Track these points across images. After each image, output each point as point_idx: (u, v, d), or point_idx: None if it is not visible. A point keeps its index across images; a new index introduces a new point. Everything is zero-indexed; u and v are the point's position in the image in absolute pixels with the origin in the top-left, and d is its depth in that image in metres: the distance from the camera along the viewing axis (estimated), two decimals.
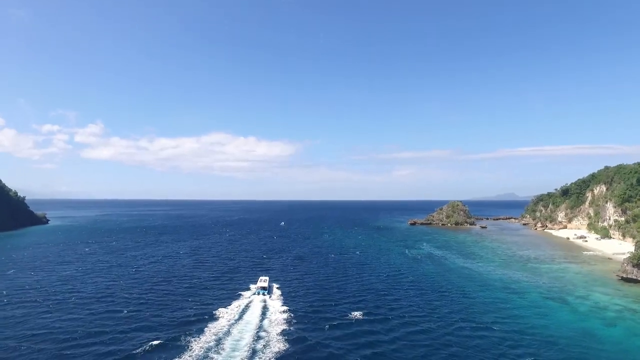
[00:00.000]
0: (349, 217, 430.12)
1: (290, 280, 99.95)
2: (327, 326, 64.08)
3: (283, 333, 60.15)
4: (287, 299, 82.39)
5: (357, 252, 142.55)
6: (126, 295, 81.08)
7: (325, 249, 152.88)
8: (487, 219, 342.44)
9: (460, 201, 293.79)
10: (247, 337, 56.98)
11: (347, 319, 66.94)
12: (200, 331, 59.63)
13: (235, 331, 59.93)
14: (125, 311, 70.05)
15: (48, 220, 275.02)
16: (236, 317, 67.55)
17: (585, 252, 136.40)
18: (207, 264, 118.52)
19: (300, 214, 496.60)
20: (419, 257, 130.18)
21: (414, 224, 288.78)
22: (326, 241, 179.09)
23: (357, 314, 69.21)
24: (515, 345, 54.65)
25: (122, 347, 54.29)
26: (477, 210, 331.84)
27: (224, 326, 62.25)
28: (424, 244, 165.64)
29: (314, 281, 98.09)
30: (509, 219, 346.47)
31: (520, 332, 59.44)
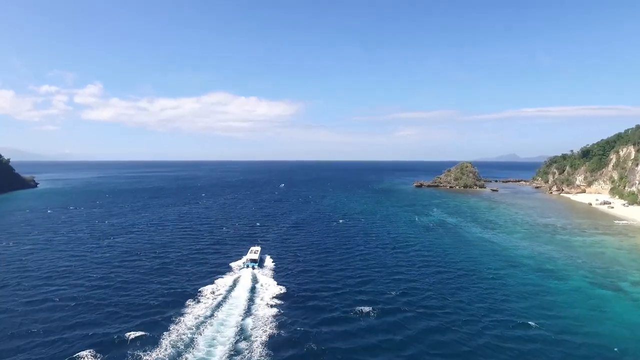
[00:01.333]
0: (352, 178, 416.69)
1: (285, 252, 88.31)
2: (324, 318, 51.96)
3: (270, 325, 49.21)
4: (279, 275, 71.81)
5: (362, 219, 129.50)
6: (89, 275, 68.35)
7: (327, 214, 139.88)
8: (496, 181, 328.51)
9: (470, 162, 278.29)
10: (229, 328, 47.63)
11: (349, 307, 54.80)
12: (174, 318, 50.09)
13: (214, 320, 50.16)
14: (82, 296, 57.23)
15: (37, 184, 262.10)
16: (218, 299, 57.58)
17: (617, 222, 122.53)
18: (193, 234, 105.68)
19: (301, 175, 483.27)
20: (431, 225, 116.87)
21: (420, 186, 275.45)
22: (328, 205, 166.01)
23: (361, 302, 56.87)
24: (570, 356, 41.55)
25: (70, 340, 42.23)
26: (480, 172, 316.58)
27: (202, 313, 52.10)
28: (434, 209, 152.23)
29: (312, 254, 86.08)
30: (518, 181, 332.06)
31: (571, 333, 46.33)
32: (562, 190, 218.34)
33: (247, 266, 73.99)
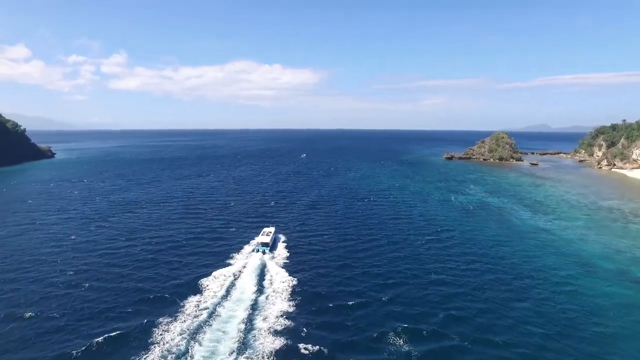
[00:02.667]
0: (376, 148, 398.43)
1: (301, 237, 77.07)
2: (339, 341, 38.84)
3: (276, 328, 42.06)
4: (292, 267, 61.17)
5: (389, 197, 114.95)
6: (69, 262, 57.38)
7: (350, 190, 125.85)
8: (533, 153, 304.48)
9: (506, 133, 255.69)
10: (231, 327, 41.68)
11: (374, 328, 42.29)
12: (160, 327, 41.86)
13: (217, 317, 43.85)
14: (57, 287, 46.20)
15: (54, 154, 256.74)
16: (222, 291, 50.64)
17: None
18: (200, 212, 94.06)
19: (324, 144, 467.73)
20: (470, 207, 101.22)
21: (450, 158, 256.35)
22: (351, 180, 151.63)
23: (390, 319, 44.04)
24: None
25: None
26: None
27: (204, 308, 45.62)
28: (471, 185, 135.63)
29: (332, 241, 74.20)
30: (557, 153, 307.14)
31: None
32: (614, 165, 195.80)
33: (257, 250, 65.62)
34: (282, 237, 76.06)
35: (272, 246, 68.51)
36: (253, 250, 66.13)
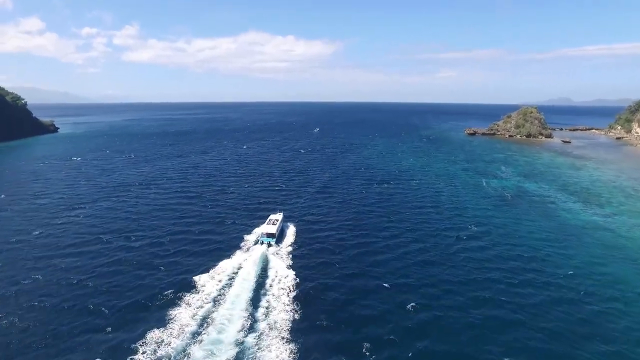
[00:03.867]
0: (392, 121, 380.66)
1: (312, 227, 67.39)
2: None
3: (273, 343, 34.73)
4: (301, 263, 52.86)
5: (411, 180, 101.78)
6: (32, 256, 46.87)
7: (367, 171, 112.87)
8: (561, 129, 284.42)
9: (535, 107, 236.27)
10: (225, 337, 35.42)
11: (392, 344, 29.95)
12: (162, 321, 37.47)
13: (209, 325, 37.39)
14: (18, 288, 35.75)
15: (57, 129, 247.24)
16: (217, 292, 43.67)
17: None
18: (198, 197, 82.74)
19: (338, 118, 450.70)
20: (506, 194, 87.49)
21: (473, 134, 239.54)
22: (368, 158, 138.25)
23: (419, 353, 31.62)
24: None
25: None
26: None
27: (193, 316, 38.75)
28: (502, 167, 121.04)
29: (347, 233, 64.15)
30: (589, 129, 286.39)
31: None
32: None
33: (262, 242, 57.43)
34: (291, 227, 66.15)
35: (278, 237, 59.72)
36: (256, 242, 57.96)
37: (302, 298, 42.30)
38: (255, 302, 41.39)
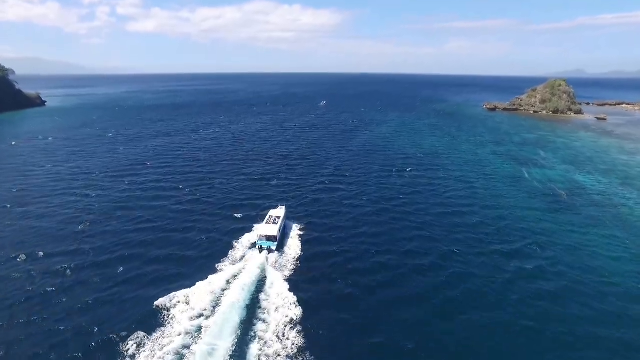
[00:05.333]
0: (403, 94, 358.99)
1: (317, 225, 55.22)
2: None
3: None
4: (307, 279, 41.70)
5: (436, 168, 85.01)
6: None
7: (381, 155, 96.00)
8: (588, 103, 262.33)
9: (563, 79, 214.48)
10: None
11: None
12: None
13: None
14: None
15: (44, 102, 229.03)
16: (196, 324, 32.45)
17: None
18: (175, 189, 66.89)
19: (346, 90, 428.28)
20: (557, 191, 70.54)
21: (493, 109, 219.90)
22: (381, 138, 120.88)
23: None
24: None
25: None
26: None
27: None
28: (540, 152, 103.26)
29: (361, 235, 51.81)
30: (619, 104, 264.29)
31: None
32: None
33: (260, 248, 46.35)
34: (294, 225, 54.55)
35: (280, 240, 48.70)
36: (253, 247, 47.49)
37: (307, 332, 28.61)
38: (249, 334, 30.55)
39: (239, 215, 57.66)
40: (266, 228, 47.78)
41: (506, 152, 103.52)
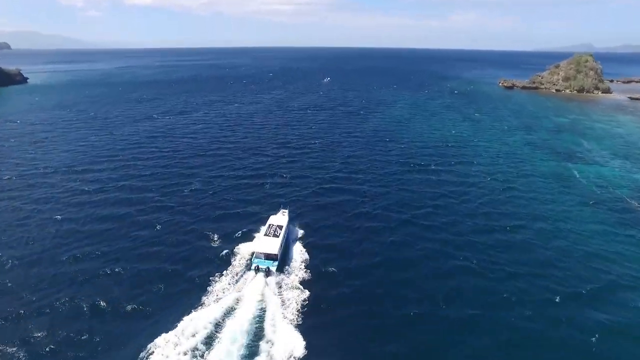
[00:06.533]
0: (410, 69, 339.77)
1: (326, 238, 44.56)
2: None
3: None
4: (317, 308, 32.42)
5: (466, 165, 71.07)
6: None
7: (396, 146, 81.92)
8: (612, 81, 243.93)
9: (590, 54, 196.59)
10: None
11: None
12: None
13: None
14: None
15: (26, 79, 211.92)
16: None
17: None
18: (146, 191, 53.40)
19: (349, 65, 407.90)
20: (629, 201, 56.66)
21: (511, 87, 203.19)
22: (393, 121, 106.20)
23: None
24: None
25: None
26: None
27: None
28: (582, 141, 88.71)
29: (379, 265, 39.71)
30: None
31: None
32: None
33: (257, 269, 36.20)
34: (299, 235, 44.29)
35: (282, 257, 38.73)
36: (248, 269, 36.88)
37: None
38: None
39: (222, 230, 44.24)
40: (265, 243, 37.99)
41: (541, 141, 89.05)
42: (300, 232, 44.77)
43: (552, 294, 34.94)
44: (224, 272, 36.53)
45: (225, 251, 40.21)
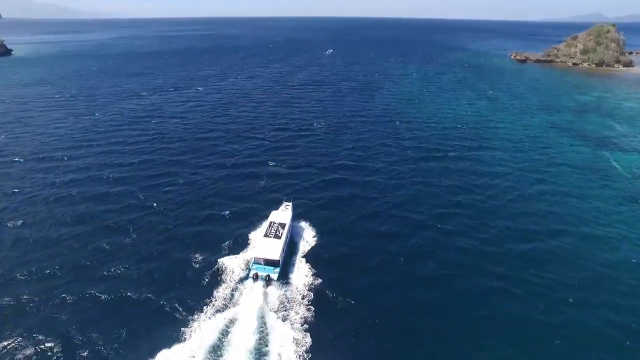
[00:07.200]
0: (415, 41, 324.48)
1: (332, 241, 38.83)
2: None
3: None
4: (327, 323, 27.80)
5: (486, 151, 63.25)
6: None
7: (408, 126, 73.72)
8: (630, 53, 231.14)
9: (612, 24, 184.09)
10: None
11: None
12: None
13: None
14: None
15: (10, 51, 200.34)
16: None
17: None
18: (130, 182, 46.14)
19: (351, 35, 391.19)
20: None
21: (523, 60, 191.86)
22: (403, 99, 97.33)
23: None
24: None
25: None
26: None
27: None
28: (614, 124, 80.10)
29: (396, 282, 31.98)
30: None
31: None
32: None
33: (254, 276, 31.29)
34: (304, 233, 38.92)
35: (284, 262, 33.48)
36: (246, 278, 32.09)
37: None
38: None
39: (209, 237, 37.08)
40: (265, 247, 32.96)
41: (566, 123, 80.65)
42: (305, 230, 39.27)
43: (620, 331, 27.91)
44: (220, 285, 30.50)
45: (211, 265, 33.29)
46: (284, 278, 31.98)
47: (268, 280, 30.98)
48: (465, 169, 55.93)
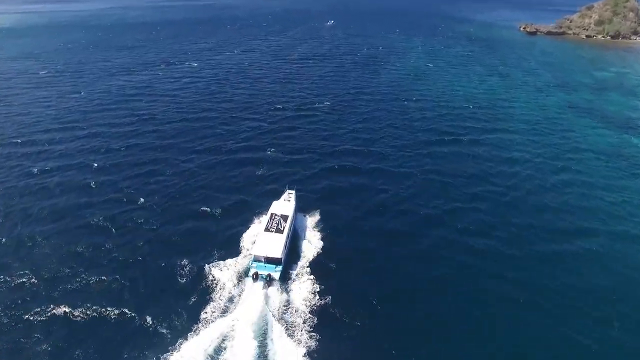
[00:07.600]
0: (420, 11, 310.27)
1: (336, 241, 34.80)
2: None
3: None
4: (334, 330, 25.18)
5: (505, 134, 58.55)
6: None
7: (416, 105, 68.65)
8: None
9: None
10: None
11: None
12: None
13: None
14: None
15: None
16: None
17: None
18: (115, 171, 41.78)
19: (353, 4, 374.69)
20: None
21: (534, 32, 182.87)
22: (409, 76, 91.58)
23: None
24: None
25: None
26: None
27: None
28: (637, 102, 75.08)
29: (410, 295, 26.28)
30: None
31: None
32: None
33: (254, 275, 28.59)
34: (307, 225, 35.81)
35: (286, 259, 30.56)
36: (245, 277, 29.30)
37: None
38: None
39: (200, 238, 33.10)
40: (266, 243, 30.27)
41: (585, 102, 75.45)
42: (309, 223, 36.11)
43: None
44: (214, 291, 27.09)
45: (201, 272, 29.47)
46: (286, 277, 29.03)
47: (269, 280, 28.08)
48: (480, 155, 51.48)
